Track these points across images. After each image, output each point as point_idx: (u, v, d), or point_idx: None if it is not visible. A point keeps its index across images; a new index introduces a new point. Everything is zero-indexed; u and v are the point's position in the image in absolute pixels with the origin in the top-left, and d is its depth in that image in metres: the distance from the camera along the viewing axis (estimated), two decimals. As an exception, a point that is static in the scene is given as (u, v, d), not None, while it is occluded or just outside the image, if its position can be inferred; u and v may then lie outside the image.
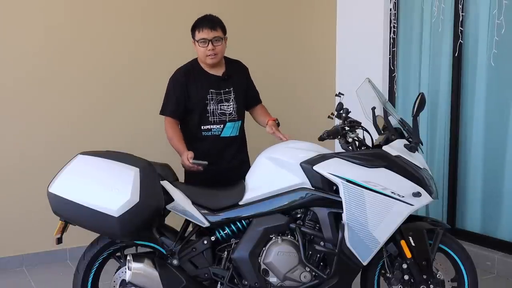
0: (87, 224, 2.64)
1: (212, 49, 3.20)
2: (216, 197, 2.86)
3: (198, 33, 3.21)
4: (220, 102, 3.28)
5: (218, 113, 3.27)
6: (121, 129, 4.41)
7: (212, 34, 3.19)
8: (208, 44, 3.19)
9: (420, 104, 2.77)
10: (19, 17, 4.09)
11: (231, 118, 3.30)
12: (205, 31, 3.19)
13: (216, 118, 3.27)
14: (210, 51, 3.20)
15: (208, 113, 3.26)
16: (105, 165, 2.63)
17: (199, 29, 3.21)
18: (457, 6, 4.22)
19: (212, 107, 3.26)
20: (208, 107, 3.26)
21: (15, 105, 4.12)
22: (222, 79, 3.31)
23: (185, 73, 3.30)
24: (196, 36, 3.23)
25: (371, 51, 4.84)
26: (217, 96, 3.28)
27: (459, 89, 4.30)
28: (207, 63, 3.26)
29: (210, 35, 3.19)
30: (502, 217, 4.10)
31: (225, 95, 3.29)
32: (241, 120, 3.38)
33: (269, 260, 2.77)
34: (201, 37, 3.20)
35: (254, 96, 3.51)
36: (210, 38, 3.19)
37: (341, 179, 2.70)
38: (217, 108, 3.27)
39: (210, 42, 3.19)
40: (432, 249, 2.80)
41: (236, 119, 3.32)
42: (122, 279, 2.83)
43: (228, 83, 3.32)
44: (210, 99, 3.26)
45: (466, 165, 4.33)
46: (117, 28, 4.40)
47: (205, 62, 3.26)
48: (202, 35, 3.20)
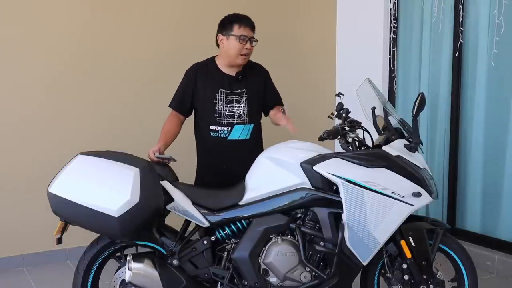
0: (87, 224, 2.63)
1: (249, 48, 3.17)
2: (216, 197, 2.86)
3: (240, 28, 3.14)
4: (230, 103, 3.20)
5: (226, 115, 3.19)
6: (121, 129, 4.41)
7: (251, 34, 3.18)
8: (247, 42, 3.16)
9: (420, 104, 2.77)
10: (19, 17, 4.09)
11: (240, 120, 3.21)
12: (247, 29, 3.16)
13: (223, 120, 3.20)
14: (246, 50, 3.16)
15: (216, 113, 3.19)
16: (105, 165, 2.62)
17: (241, 25, 3.15)
18: (457, 6, 4.23)
19: (220, 108, 3.19)
20: (216, 107, 3.19)
21: (15, 105, 4.12)
22: (235, 79, 3.23)
23: (197, 69, 3.27)
24: (235, 31, 3.14)
25: (371, 51, 4.84)
26: (227, 96, 3.20)
27: (459, 89, 4.31)
28: (237, 62, 3.19)
29: (250, 34, 3.17)
30: (502, 217, 4.11)
31: (236, 96, 3.21)
32: (253, 123, 3.26)
33: (269, 260, 2.77)
34: (243, 34, 3.14)
35: (271, 100, 3.36)
36: (250, 37, 3.17)
37: (341, 179, 2.70)
38: (226, 109, 3.19)
39: (249, 41, 3.16)
40: (432, 249, 2.80)
41: (246, 122, 3.22)
42: (122, 279, 2.82)
43: (241, 84, 3.23)
44: (219, 99, 3.19)
45: (466, 165, 4.33)
46: (117, 28, 4.40)
47: (236, 59, 3.17)
48: (245, 32, 3.15)
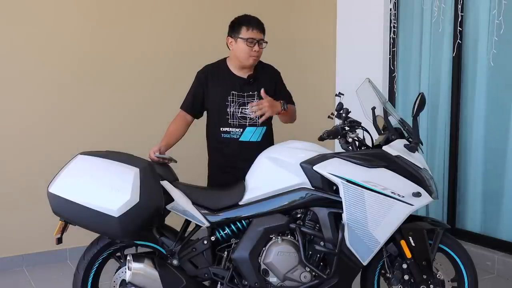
0: (87, 224, 2.63)
1: (258, 51, 3.16)
2: (216, 197, 2.86)
3: (247, 31, 3.14)
4: (242, 105, 3.19)
5: (238, 117, 3.18)
6: (122, 129, 4.42)
7: (260, 36, 3.17)
8: (255, 45, 3.15)
9: (420, 104, 2.77)
10: (19, 17, 4.09)
11: (252, 122, 3.20)
12: (255, 31, 3.15)
13: (235, 122, 3.19)
14: (255, 52, 3.15)
15: (228, 115, 3.19)
16: (105, 165, 2.62)
17: (249, 28, 3.14)
18: (457, 6, 4.22)
19: (232, 110, 3.18)
20: (228, 109, 3.18)
21: (15, 105, 4.13)
22: (247, 82, 3.23)
23: (208, 71, 3.26)
24: (243, 34, 3.14)
25: (371, 51, 4.84)
26: (239, 99, 3.19)
27: (459, 89, 4.31)
28: (247, 63, 3.18)
29: (259, 36, 3.16)
30: (502, 217, 4.11)
31: (248, 98, 3.20)
32: (265, 126, 3.25)
33: (269, 260, 2.77)
34: (251, 36, 3.13)
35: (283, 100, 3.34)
36: (259, 39, 3.16)
37: (341, 179, 2.70)
38: (238, 111, 3.18)
39: (257, 43, 3.15)
40: (432, 249, 2.80)
41: (258, 124, 3.21)
42: (122, 279, 2.82)
43: (253, 87, 3.22)
44: (230, 101, 3.18)
45: (466, 165, 4.33)
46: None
47: (246, 62, 3.18)
48: (252, 35, 3.14)
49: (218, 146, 3.25)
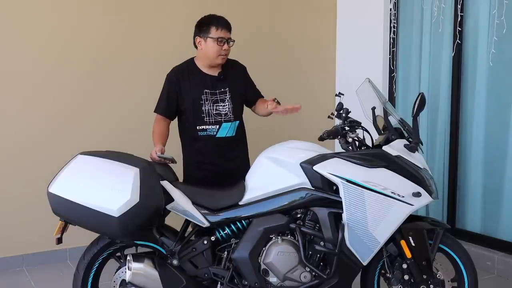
0: (87, 224, 2.63)
1: (227, 49, 3.24)
2: (216, 197, 2.86)
3: (216, 31, 3.21)
4: (215, 103, 3.27)
5: (214, 114, 3.26)
6: (122, 129, 4.41)
7: (228, 35, 3.25)
8: (224, 43, 3.22)
9: (420, 104, 2.77)
10: (19, 17, 4.09)
11: (226, 118, 3.29)
12: (224, 30, 3.22)
13: (211, 119, 3.26)
14: (225, 51, 3.23)
15: (203, 113, 3.26)
16: (105, 165, 2.62)
17: (218, 28, 3.22)
18: (457, 6, 4.22)
19: (207, 108, 3.26)
20: (203, 108, 3.25)
21: (15, 105, 4.12)
22: (218, 79, 3.31)
23: (178, 72, 3.32)
24: (213, 34, 3.21)
25: (371, 51, 4.84)
26: (212, 97, 3.27)
27: (459, 89, 4.31)
28: (217, 62, 3.27)
29: (227, 35, 3.24)
30: (502, 217, 4.10)
31: (220, 95, 3.29)
32: (238, 120, 3.35)
33: (269, 260, 2.77)
34: (220, 36, 3.21)
35: (253, 94, 3.49)
36: (227, 38, 3.23)
37: (341, 179, 2.70)
38: (213, 109, 3.26)
39: (226, 42, 3.22)
40: (432, 249, 2.80)
41: (232, 119, 3.30)
42: (122, 279, 2.83)
43: (224, 83, 3.32)
44: (204, 100, 3.26)
45: (466, 165, 4.33)
46: (118, 29, 4.40)
47: (216, 61, 3.26)
48: (221, 34, 3.21)
49: (195, 144, 3.30)
